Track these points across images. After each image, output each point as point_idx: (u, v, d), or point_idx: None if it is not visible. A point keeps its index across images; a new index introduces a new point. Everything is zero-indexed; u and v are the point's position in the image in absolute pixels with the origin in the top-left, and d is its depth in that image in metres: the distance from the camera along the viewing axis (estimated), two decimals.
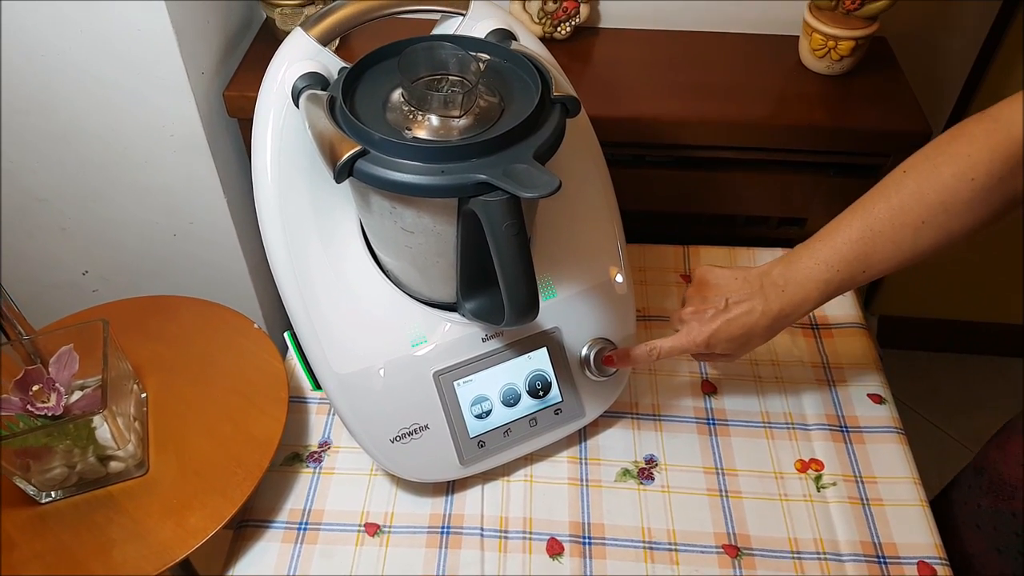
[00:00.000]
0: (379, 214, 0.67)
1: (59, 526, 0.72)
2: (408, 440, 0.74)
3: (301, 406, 0.87)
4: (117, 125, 1.02)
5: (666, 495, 0.80)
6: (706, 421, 0.86)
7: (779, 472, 0.81)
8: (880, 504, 0.79)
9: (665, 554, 0.75)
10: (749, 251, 1.05)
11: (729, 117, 1.03)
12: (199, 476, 0.75)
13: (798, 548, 0.75)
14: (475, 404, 0.75)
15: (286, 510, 0.78)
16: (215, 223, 1.13)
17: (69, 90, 0.99)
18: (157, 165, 1.07)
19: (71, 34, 0.93)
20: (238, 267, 1.20)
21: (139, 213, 1.13)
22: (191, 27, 0.97)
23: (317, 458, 0.83)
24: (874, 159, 1.06)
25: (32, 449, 0.71)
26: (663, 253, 1.06)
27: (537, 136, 0.62)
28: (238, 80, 1.06)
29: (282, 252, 0.71)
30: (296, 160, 0.70)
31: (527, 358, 0.77)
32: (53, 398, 0.72)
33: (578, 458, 0.83)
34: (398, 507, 0.79)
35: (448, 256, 0.68)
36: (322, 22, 0.70)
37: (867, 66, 1.09)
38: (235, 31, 1.11)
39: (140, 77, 0.97)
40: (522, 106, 0.64)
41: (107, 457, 0.73)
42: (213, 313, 0.89)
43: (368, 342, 0.73)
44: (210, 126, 1.04)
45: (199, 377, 0.83)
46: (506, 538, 0.76)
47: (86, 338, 0.76)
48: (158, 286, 1.22)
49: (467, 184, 0.59)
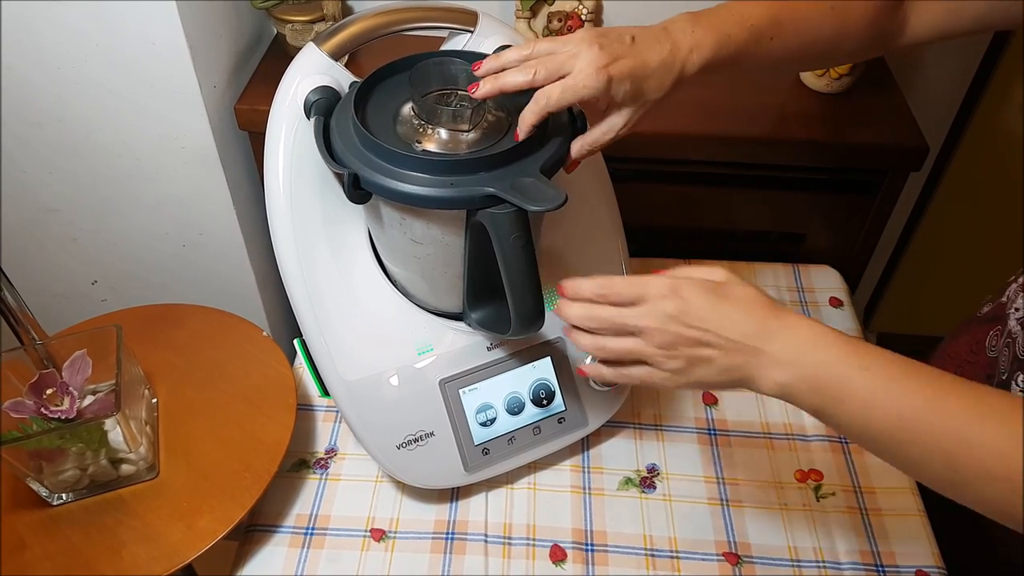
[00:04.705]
0: (389, 225, 0.69)
1: (70, 528, 0.73)
2: (414, 447, 0.75)
3: (308, 413, 0.89)
4: (129, 138, 1.04)
5: (668, 503, 0.81)
6: (707, 431, 0.87)
7: (779, 482, 0.83)
8: (879, 514, 0.80)
9: (667, 561, 0.76)
10: (749, 266, 1.07)
11: (730, 134, 1.05)
12: (208, 480, 0.76)
13: (798, 556, 0.76)
14: (480, 412, 0.77)
15: (293, 515, 0.79)
16: (224, 235, 1.15)
17: (83, 103, 1.01)
18: (168, 177, 1.08)
19: (87, 48, 0.95)
20: (246, 279, 1.21)
21: (149, 224, 1.15)
22: (204, 42, 0.99)
23: (324, 464, 0.84)
24: (872, 176, 1.08)
25: (45, 451, 0.72)
26: (664, 267, 1.07)
27: (544, 151, 0.64)
28: (249, 94, 1.08)
29: (293, 261, 0.73)
30: (307, 172, 0.72)
31: (531, 367, 0.78)
32: (66, 402, 0.73)
33: (581, 466, 0.84)
34: (403, 513, 0.80)
35: (455, 267, 0.70)
36: (334, 37, 0.72)
37: (865, 85, 1.11)
38: (246, 46, 1.13)
39: (153, 90, 0.99)
40: None
41: (119, 460, 0.75)
42: (222, 321, 0.91)
43: (375, 350, 0.75)
44: (221, 139, 1.06)
45: (208, 383, 0.84)
46: (510, 544, 0.77)
47: (99, 344, 0.77)
48: (166, 296, 1.24)
49: (475, 196, 0.61)
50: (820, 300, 1.03)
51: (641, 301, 0.57)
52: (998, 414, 0.49)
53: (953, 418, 0.49)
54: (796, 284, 1.05)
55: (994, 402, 0.50)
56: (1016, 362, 0.71)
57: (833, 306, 1.02)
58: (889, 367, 0.52)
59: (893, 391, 0.51)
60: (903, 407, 0.51)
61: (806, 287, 1.05)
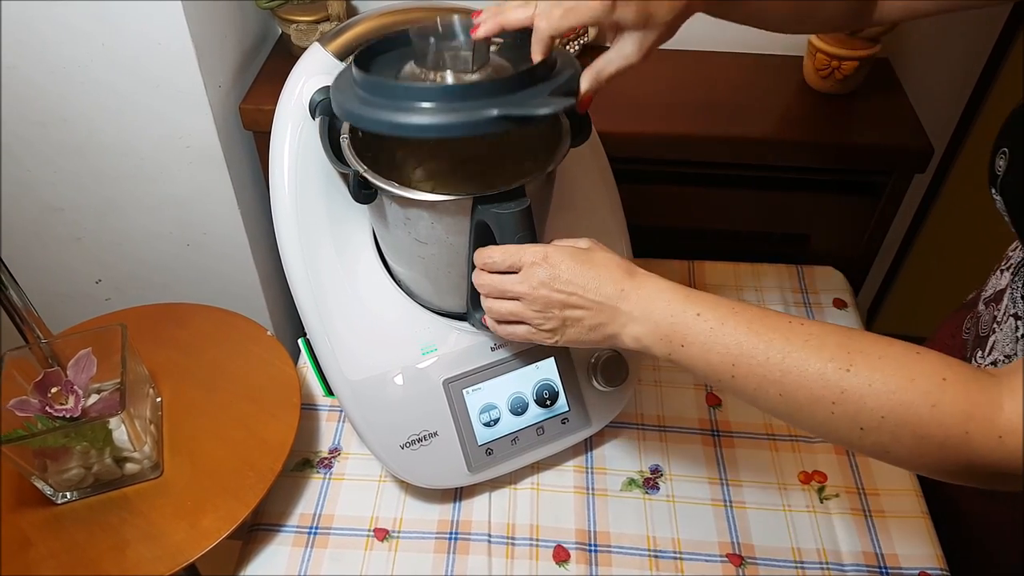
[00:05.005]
0: (393, 224, 0.69)
1: (74, 526, 0.73)
2: (418, 447, 0.75)
3: (312, 413, 0.89)
4: (133, 137, 1.05)
5: (671, 504, 0.81)
6: (711, 432, 0.87)
7: (783, 483, 0.82)
8: (882, 516, 0.80)
9: (670, 562, 0.76)
10: (753, 267, 1.07)
11: (735, 135, 1.05)
12: (212, 479, 0.76)
13: (801, 558, 0.76)
14: (483, 412, 0.77)
15: (297, 515, 0.79)
16: (228, 234, 1.15)
17: (87, 103, 1.01)
18: (172, 177, 1.09)
19: (91, 48, 0.95)
20: (250, 278, 1.21)
21: (153, 224, 1.15)
22: (209, 41, 0.99)
23: (327, 464, 0.84)
24: (876, 177, 1.08)
25: (50, 450, 0.72)
26: (668, 268, 1.07)
27: (552, 81, 0.61)
28: (253, 94, 1.08)
29: (298, 261, 0.73)
30: (312, 171, 0.72)
31: (535, 367, 0.78)
32: (71, 400, 0.73)
33: (584, 467, 0.84)
34: (407, 513, 0.80)
35: (459, 266, 0.70)
36: (339, 38, 0.72)
37: (870, 86, 1.11)
38: (251, 46, 1.13)
39: (158, 90, 0.99)
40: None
41: (123, 459, 0.75)
42: (226, 320, 0.91)
43: (379, 350, 0.75)
44: (226, 139, 1.06)
45: (212, 383, 0.84)
46: (513, 545, 0.77)
47: (103, 343, 0.77)
48: (169, 296, 1.24)
49: (480, 120, 0.57)
50: (824, 301, 1.03)
51: (517, 269, 0.63)
52: (815, 339, 0.53)
53: (775, 348, 0.53)
54: (800, 285, 1.05)
55: (813, 328, 0.53)
56: (977, 340, 0.72)
57: (837, 307, 1.02)
58: (718, 309, 0.57)
59: (724, 331, 0.56)
60: (731, 344, 0.55)
61: (810, 288, 1.05)
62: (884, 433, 0.50)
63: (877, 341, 0.52)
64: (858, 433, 0.51)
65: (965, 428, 0.48)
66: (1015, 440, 0.46)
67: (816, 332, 0.53)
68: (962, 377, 0.49)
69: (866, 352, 0.51)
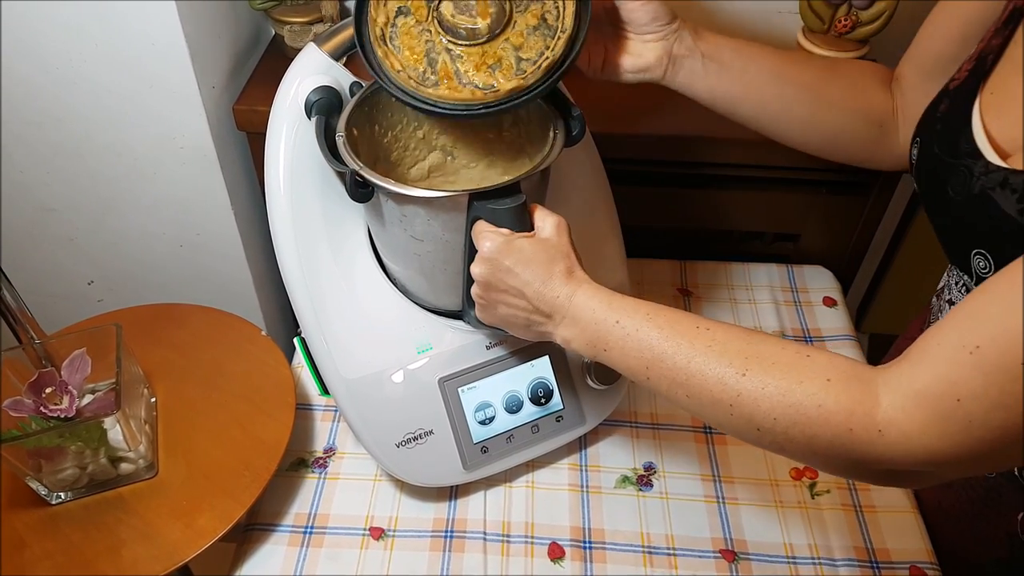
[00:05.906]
0: (389, 222, 0.69)
1: (69, 526, 0.73)
2: (413, 445, 0.76)
3: (307, 413, 0.89)
4: (128, 138, 1.04)
5: (664, 501, 0.81)
6: (703, 430, 0.88)
7: (774, 480, 0.83)
8: (873, 510, 0.80)
9: (664, 558, 0.77)
10: (744, 266, 1.08)
11: (725, 135, 1.05)
12: (208, 479, 0.76)
13: (793, 553, 0.77)
14: (479, 410, 0.77)
15: (292, 514, 0.80)
16: (222, 235, 1.15)
17: (81, 103, 1.01)
18: (166, 177, 1.08)
19: (86, 48, 0.95)
20: (243, 278, 1.21)
21: (147, 224, 1.15)
22: (203, 42, 0.99)
23: (323, 463, 0.84)
24: (865, 177, 1.09)
25: (44, 450, 0.72)
26: (660, 268, 1.08)
27: None
28: (247, 94, 1.08)
29: (294, 260, 0.73)
30: (307, 171, 0.73)
31: (530, 366, 0.79)
32: (66, 400, 0.73)
33: (579, 465, 0.84)
34: (402, 511, 0.80)
35: (455, 264, 0.70)
36: (334, 38, 0.72)
37: None
38: (245, 47, 1.13)
39: (152, 90, 0.99)
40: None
41: (118, 459, 0.75)
42: (221, 320, 0.91)
43: (375, 349, 0.75)
44: (219, 139, 1.06)
45: (207, 382, 0.85)
46: (508, 542, 0.78)
47: (98, 343, 0.77)
48: (163, 296, 1.24)
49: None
50: (814, 300, 1.04)
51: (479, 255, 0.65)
52: (718, 345, 0.55)
53: (681, 353, 0.56)
54: (790, 284, 1.06)
55: (717, 334, 0.56)
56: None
57: (827, 306, 1.03)
58: (635, 316, 0.59)
59: (638, 337, 0.58)
60: (644, 349, 0.58)
61: (800, 287, 1.06)
62: (778, 433, 0.52)
63: (774, 345, 0.54)
64: (756, 433, 0.53)
65: (848, 426, 0.49)
66: (895, 432, 0.48)
67: (720, 338, 0.55)
68: (845, 376, 0.51)
69: (761, 357, 0.53)
